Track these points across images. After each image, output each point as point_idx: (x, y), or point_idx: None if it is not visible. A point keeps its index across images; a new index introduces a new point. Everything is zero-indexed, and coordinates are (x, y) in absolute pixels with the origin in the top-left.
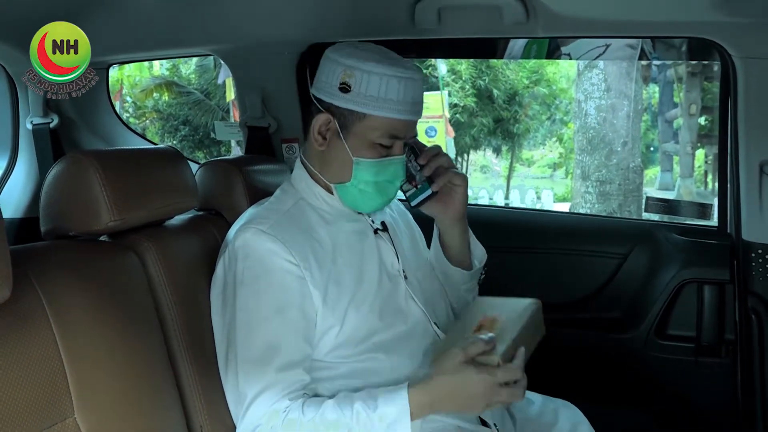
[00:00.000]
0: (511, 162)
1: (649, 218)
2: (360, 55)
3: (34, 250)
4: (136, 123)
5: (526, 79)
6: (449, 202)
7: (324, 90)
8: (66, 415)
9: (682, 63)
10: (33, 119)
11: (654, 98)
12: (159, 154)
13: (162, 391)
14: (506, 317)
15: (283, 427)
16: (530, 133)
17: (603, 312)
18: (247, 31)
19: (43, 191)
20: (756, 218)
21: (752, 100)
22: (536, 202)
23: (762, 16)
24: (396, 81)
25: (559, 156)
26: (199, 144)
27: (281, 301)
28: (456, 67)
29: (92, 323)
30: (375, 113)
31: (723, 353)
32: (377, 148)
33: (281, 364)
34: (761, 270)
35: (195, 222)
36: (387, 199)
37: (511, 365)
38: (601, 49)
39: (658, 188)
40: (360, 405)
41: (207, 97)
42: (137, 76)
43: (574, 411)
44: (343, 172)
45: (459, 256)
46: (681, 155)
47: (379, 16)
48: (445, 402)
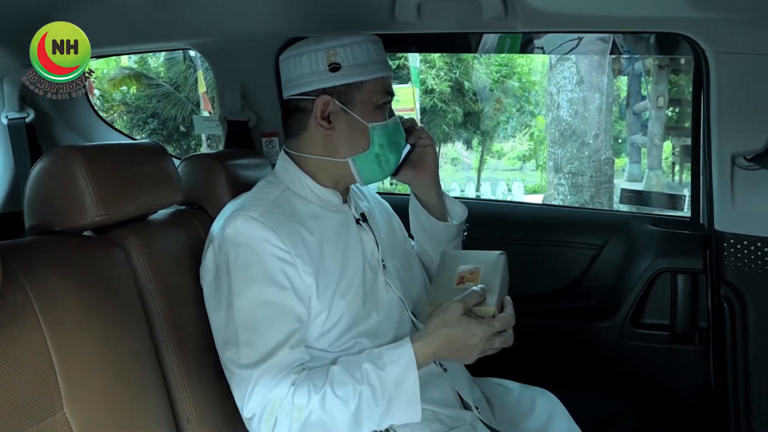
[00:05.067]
0: (481, 154)
1: (623, 209)
2: (330, 36)
3: (20, 246)
4: (104, 117)
5: (496, 72)
6: (422, 165)
7: (309, 81)
8: (55, 410)
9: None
10: (8, 114)
11: (623, 91)
12: (144, 149)
13: (149, 383)
14: (484, 268)
15: (294, 403)
16: (500, 126)
17: (579, 302)
18: (226, 25)
19: (28, 187)
20: (728, 209)
21: (724, 93)
22: (507, 194)
23: (733, 12)
24: (370, 44)
25: (528, 149)
26: (168, 138)
27: (277, 284)
28: (429, 57)
29: (80, 318)
30: (369, 77)
31: (696, 341)
32: (380, 110)
33: (283, 344)
34: (733, 259)
35: (178, 216)
36: (398, 160)
37: (504, 314)
38: (573, 43)
39: (627, 179)
40: (368, 366)
41: (176, 89)
42: (104, 68)
43: (552, 399)
44: (358, 143)
45: (440, 216)
46: (649, 147)
47: (359, 11)
48: (445, 352)
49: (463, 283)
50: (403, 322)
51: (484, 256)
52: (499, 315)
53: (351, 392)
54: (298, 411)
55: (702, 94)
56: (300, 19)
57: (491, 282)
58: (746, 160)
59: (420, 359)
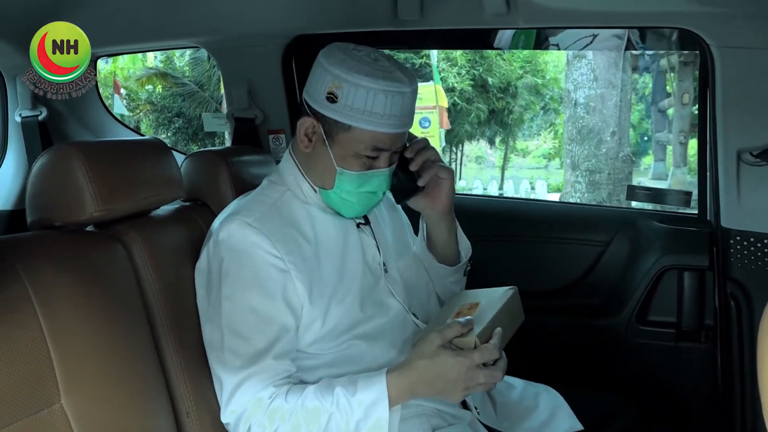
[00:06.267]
0: (505, 152)
1: (631, 206)
2: (350, 66)
3: (20, 241)
4: (131, 116)
5: (520, 69)
6: (436, 196)
7: (313, 96)
8: (52, 401)
9: (674, 53)
10: (22, 112)
11: (648, 88)
12: (144, 146)
13: (148, 377)
14: (484, 303)
15: (267, 415)
16: (524, 123)
17: (585, 299)
18: (232, 23)
19: (29, 182)
20: (734, 205)
21: (729, 89)
22: (530, 192)
23: (738, 6)
24: (383, 95)
25: (552, 146)
26: (193, 136)
27: (267, 292)
28: (451, 55)
29: (78, 312)
30: (360, 126)
31: (703, 338)
32: (362, 159)
33: (266, 353)
34: (739, 256)
35: (181, 212)
36: (368, 208)
37: (487, 345)
38: (588, 39)
39: (651, 177)
40: (340, 390)
41: (201, 88)
42: (131, 69)
43: (555, 395)
44: (327, 178)
45: (446, 248)
46: (674, 145)
47: (362, 8)
48: (423, 386)
49: (458, 316)
50: (405, 326)
51: (491, 292)
52: (481, 346)
53: (320, 413)
54: (270, 423)
55: (708, 90)
56: (306, 17)
57: (484, 315)
58: (752, 155)
59: (393, 391)
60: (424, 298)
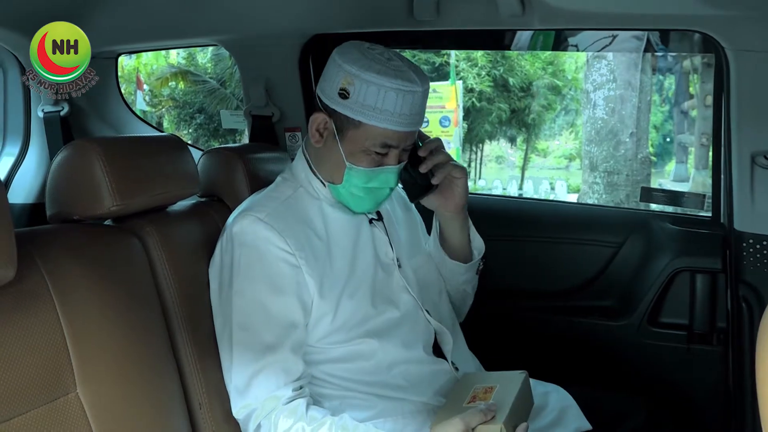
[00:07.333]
0: (525, 152)
1: (644, 208)
2: (362, 63)
3: (39, 233)
4: (153, 112)
5: (541, 69)
6: (449, 195)
7: (326, 91)
8: (68, 390)
9: (696, 54)
10: (44, 107)
11: (672, 90)
12: (161, 142)
13: (162, 369)
14: (500, 387)
15: (283, 417)
16: (545, 123)
17: (596, 300)
18: (250, 21)
19: (49, 177)
20: (747, 208)
21: (744, 92)
22: (550, 192)
23: (754, 9)
24: (394, 93)
25: (574, 147)
26: (215, 132)
27: (276, 287)
28: (471, 55)
29: (95, 303)
30: (370, 122)
31: (715, 341)
32: (372, 155)
33: (277, 348)
34: (752, 259)
35: (197, 208)
36: (377, 203)
37: None
38: (607, 41)
39: (673, 179)
40: None
41: (222, 85)
42: (153, 65)
43: (564, 395)
44: (336, 173)
45: (459, 247)
46: (696, 147)
47: (378, 8)
48: None
49: (474, 401)
50: (416, 323)
51: (503, 376)
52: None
53: None
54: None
55: (723, 93)
56: (323, 16)
57: (504, 400)
58: (766, 159)
59: None
60: (436, 295)
